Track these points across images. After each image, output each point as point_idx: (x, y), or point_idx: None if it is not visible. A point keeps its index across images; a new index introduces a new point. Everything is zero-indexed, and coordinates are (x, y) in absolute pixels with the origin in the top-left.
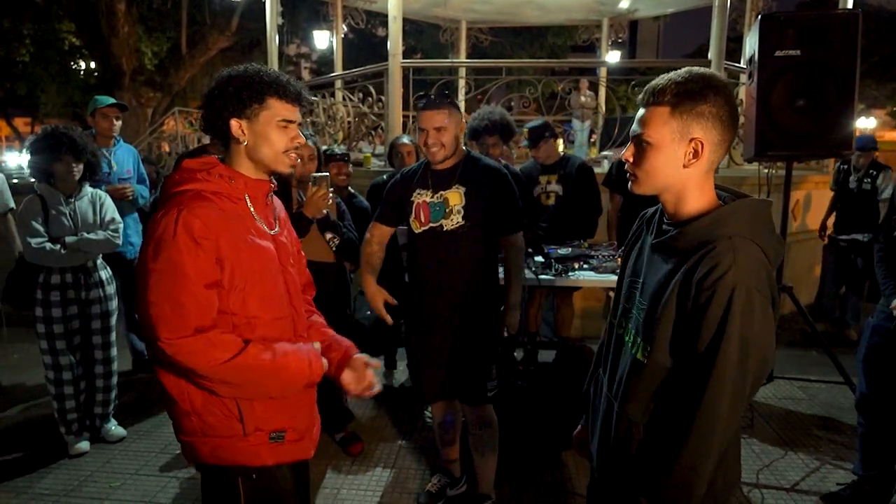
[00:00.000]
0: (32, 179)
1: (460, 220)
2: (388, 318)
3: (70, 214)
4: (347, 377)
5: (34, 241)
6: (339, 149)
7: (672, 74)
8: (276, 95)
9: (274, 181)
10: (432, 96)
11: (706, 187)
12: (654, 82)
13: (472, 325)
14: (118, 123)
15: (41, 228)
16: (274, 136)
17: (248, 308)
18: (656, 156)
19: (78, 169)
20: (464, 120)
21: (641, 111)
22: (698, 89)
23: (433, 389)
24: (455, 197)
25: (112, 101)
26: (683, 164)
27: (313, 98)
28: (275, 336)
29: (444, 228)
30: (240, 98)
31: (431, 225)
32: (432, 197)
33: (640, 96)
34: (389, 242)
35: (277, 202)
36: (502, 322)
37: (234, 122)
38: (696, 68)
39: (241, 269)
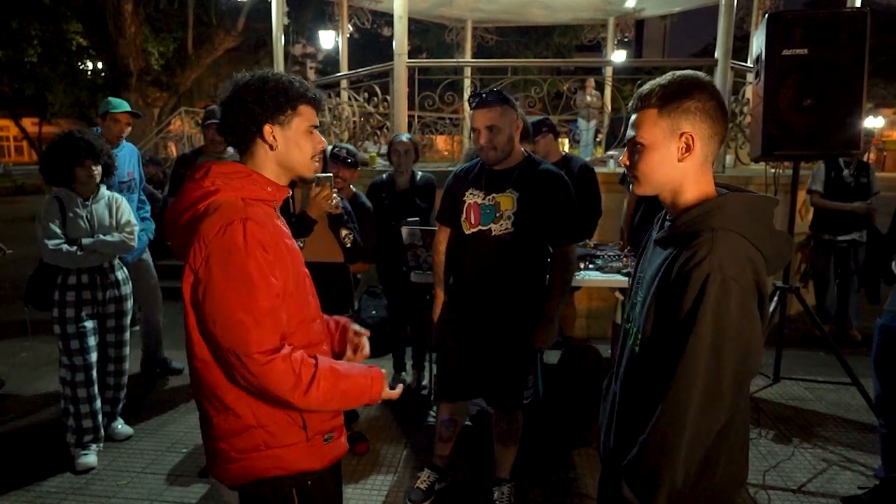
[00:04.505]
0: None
1: (509, 226)
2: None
3: (87, 217)
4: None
5: (51, 243)
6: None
7: (657, 79)
8: (306, 102)
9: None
10: (484, 94)
11: (703, 181)
12: (641, 88)
13: (512, 334)
14: (128, 129)
15: (59, 230)
16: (303, 141)
17: (296, 313)
18: (651, 155)
19: (97, 171)
20: (519, 118)
21: (633, 116)
22: (681, 88)
23: (457, 390)
24: (507, 201)
25: (128, 108)
26: (678, 159)
27: None
28: (318, 340)
29: (493, 233)
30: (277, 104)
31: (480, 228)
32: (484, 199)
33: (631, 103)
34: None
35: None
36: (536, 335)
37: (267, 128)
38: (680, 72)
39: (289, 274)
